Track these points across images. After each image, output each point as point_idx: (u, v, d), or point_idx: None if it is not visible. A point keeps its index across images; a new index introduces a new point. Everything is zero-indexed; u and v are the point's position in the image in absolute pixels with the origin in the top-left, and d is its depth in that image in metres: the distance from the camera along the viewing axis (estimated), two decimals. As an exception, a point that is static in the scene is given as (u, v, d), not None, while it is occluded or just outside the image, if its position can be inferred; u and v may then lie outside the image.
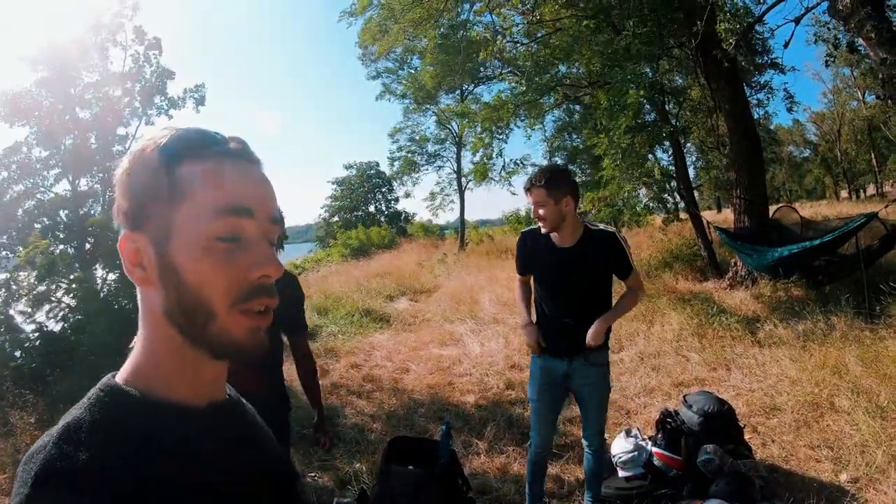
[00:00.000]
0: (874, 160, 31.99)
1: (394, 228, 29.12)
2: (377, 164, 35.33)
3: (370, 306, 9.58)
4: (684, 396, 3.37)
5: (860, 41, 4.77)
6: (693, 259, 8.94)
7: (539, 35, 9.30)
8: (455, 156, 23.02)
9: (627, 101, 6.87)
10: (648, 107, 7.97)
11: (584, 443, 2.75)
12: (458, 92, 19.67)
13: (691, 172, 9.02)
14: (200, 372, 0.62)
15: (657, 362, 5.29)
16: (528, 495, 2.84)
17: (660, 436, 3.22)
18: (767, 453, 3.46)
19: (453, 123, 21.92)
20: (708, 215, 8.27)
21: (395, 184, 28.27)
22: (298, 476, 0.75)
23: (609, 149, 7.10)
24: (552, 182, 2.44)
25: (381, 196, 35.99)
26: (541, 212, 2.46)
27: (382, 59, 20.79)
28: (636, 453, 3.15)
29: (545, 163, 24.87)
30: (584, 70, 9.72)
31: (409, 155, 23.21)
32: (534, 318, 2.73)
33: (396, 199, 35.56)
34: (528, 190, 2.51)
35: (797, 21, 5.61)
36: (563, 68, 10.93)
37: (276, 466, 0.71)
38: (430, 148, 23.39)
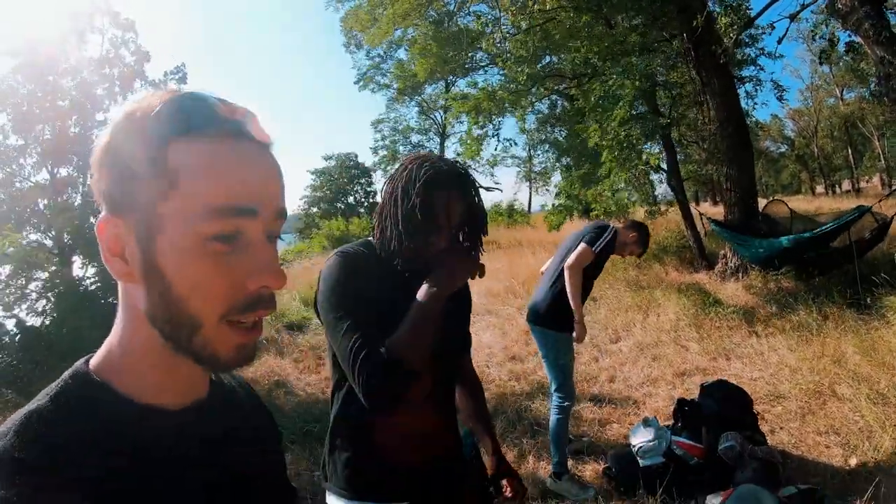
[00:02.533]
0: (850, 156, 32.80)
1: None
2: (356, 156, 35.22)
3: (360, 298, 9.47)
4: (702, 385, 3.44)
5: (857, 39, 4.88)
6: (681, 250, 9.09)
7: (525, 27, 9.28)
8: (438, 146, 22.94)
9: (623, 92, 6.90)
10: (641, 100, 8.04)
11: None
12: (442, 83, 19.54)
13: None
14: (177, 373, 0.57)
15: (657, 352, 5.37)
16: (560, 450, 3.21)
17: (679, 424, 3.28)
18: (777, 440, 3.55)
19: (437, 114, 21.82)
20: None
21: (375, 175, 28.06)
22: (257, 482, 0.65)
23: (604, 140, 7.14)
24: None
25: (359, 188, 35.80)
26: None
27: (368, 50, 20.56)
28: (656, 442, 3.20)
29: (524, 155, 24.99)
30: (569, 63, 9.75)
31: (392, 144, 23.03)
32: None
33: (376, 192, 35.41)
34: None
35: (792, 17, 5.72)
36: (550, 59, 10.99)
37: (240, 474, 0.62)
38: (414, 138, 23.26)
